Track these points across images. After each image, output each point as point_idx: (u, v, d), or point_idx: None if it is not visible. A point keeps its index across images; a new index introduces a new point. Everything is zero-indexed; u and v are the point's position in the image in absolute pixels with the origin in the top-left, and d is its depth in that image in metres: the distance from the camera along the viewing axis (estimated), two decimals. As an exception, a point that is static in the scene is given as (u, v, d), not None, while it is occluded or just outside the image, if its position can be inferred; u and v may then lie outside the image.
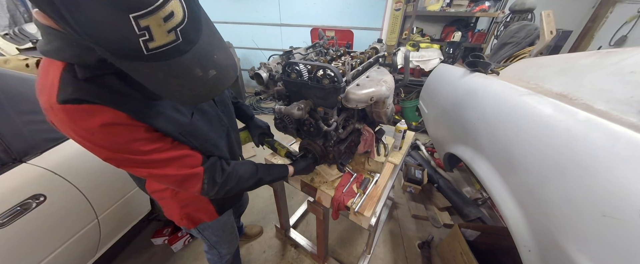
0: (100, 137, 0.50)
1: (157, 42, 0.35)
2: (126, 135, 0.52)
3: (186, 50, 0.39)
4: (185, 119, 0.63)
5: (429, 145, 2.77)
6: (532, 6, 2.39)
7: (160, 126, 0.57)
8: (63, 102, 0.45)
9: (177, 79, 0.41)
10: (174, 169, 0.61)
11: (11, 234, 0.90)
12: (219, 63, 0.45)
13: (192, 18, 0.38)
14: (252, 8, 3.71)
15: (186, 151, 0.63)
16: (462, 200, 1.96)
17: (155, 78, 0.41)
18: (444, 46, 3.05)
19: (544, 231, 0.74)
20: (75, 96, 0.46)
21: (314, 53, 1.04)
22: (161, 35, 0.35)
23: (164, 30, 0.35)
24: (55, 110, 0.46)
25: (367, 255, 1.55)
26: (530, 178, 0.81)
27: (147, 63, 0.37)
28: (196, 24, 0.40)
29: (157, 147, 0.57)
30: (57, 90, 0.45)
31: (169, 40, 0.36)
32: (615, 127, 0.66)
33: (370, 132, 1.05)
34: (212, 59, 0.43)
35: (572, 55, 1.06)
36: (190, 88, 0.43)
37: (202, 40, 0.41)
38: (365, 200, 1.00)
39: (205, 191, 0.68)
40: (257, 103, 4.00)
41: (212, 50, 0.44)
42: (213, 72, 0.44)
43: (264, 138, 1.08)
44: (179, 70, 0.40)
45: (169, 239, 1.63)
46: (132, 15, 0.32)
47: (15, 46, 2.28)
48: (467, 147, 1.21)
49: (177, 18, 0.36)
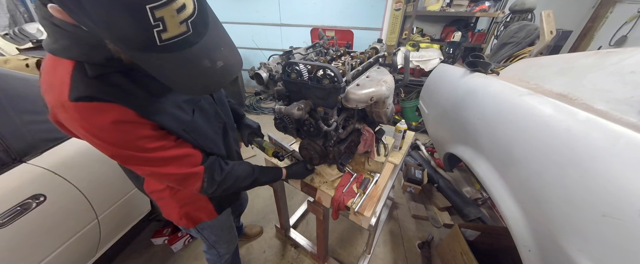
0: (110, 134, 0.51)
1: (170, 33, 0.37)
2: (134, 132, 0.53)
3: (196, 42, 0.41)
4: (187, 117, 0.64)
5: (429, 145, 2.76)
6: (532, 6, 2.39)
7: (165, 123, 0.58)
8: (76, 99, 0.46)
9: (187, 70, 0.43)
10: (175, 167, 0.62)
11: (11, 235, 0.90)
12: (225, 55, 0.46)
13: (201, 11, 0.40)
14: (252, 8, 3.71)
15: (188, 149, 0.65)
16: (462, 200, 1.96)
17: (165, 69, 0.42)
18: (444, 46, 3.05)
19: (544, 231, 0.74)
20: (87, 93, 0.47)
21: (314, 53, 1.04)
22: (174, 26, 0.37)
23: (176, 21, 0.37)
24: (67, 107, 0.47)
25: (367, 255, 1.55)
26: (530, 178, 0.81)
27: (158, 54, 0.39)
28: (204, 17, 0.41)
29: (162, 145, 0.58)
30: (68, 87, 0.46)
31: (181, 32, 0.38)
32: (615, 126, 0.66)
33: (370, 132, 1.05)
34: (219, 51, 0.45)
35: (572, 55, 1.06)
36: (199, 79, 0.45)
37: (209, 32, 0.43)
38: (365, 200, 1.00)
39: (204, 189, 0.69)
40: (257, 103, 4.00)
41: (219, 42, 0.45)
42: (220, 63, 0.45)
43: (253, 138, 1.08)
44: (189, 61, 0.42)
45: (169, 239, 1.63)
46: (149, 6, 0.34)
47: (15, 46, 2.28)
48: (467, 147, 1.21)
49: (188, 10, 0.37)
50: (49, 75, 0.49)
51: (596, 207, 0.60)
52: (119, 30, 0.35)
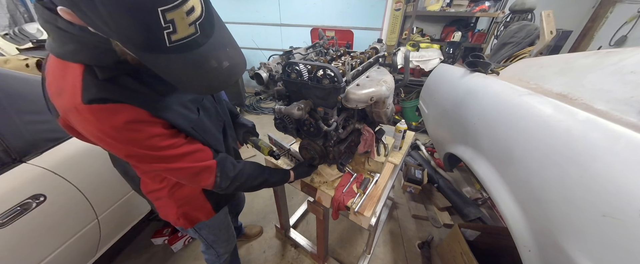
0: (124, 134, 0.52)
1: (180, 35, 0.38)
2: (147, 131, 0.55)
3: (203, 43, 0.42)
4: (194, 115, 0.66)
5: (429, 145, 2.76)
6: (532, 6, 2.39)
7: (175, 121, 0.60)
8: (89, 101, 0.47)
9: (194, 70, 0.44)
10: (188, 162, 0.63)
11: (11, 234, 0.90)
12: (231, 55, 0.48)
13: (208, 13, 0.41)
14: (252, 8, 3.71)
15: (199, 145, 0.66)
16: (462, 200, 1.96)
17: (173, 70, 0.43)
18: (444, 46, 3.05)
19: (544, 231, 0.74)
20: (100, 96, 0.48)
21: (314, 53, 1.04)
22: (183, 28, 0.38)
23: (186, 23, 0.38)
24: (80, 110, 0.48)
25: (367, 255, 1.55)
26: (530, 178, 0.81)
27: (167, 55, 0.40)
28: (211, 19, 0.43)
29: (173, 143, 0.60)
30: (80, 91, 0.47)
31: (189, 33, 0.39)
32: (615, 127, 0.66)
33: (370, 132, 1.05)
34: (225, 51, 0.47)
35: (572, 55, 1.06)
36: (206, 79, 0.46)
37: (215, 33, 0.44)
38: (365, 200, 1.00)
39: (217, 184, 0.70)
40: (257, 103, 4.00)
41: (224, 43, 0.47)
42: (226, 63, 0.46)
43: (248, 137, 1.08)
44: (196, 62, 0.43)
45: (169, 239, 1.63)
46: (161, 9, 0.35)
47: (15, 46, 2.28)
48: (467, 147, 1.21)
49: (196, 12, 0.39)
50: (58, 79, 0.49)
51: (596, 207, 0.60)
52: (130, 32, 0.36)
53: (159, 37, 0.37)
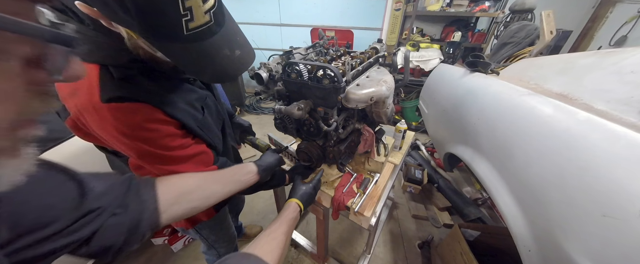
0: (140, 133, 0.53)
1: (196, 22, 0.39)
2: (161, 130, 0.55)
3: (216, 32, 0.44)
4: (199, 114, 0.66)
5: (429, 145, 2.76)
6: (532, 6, 2.39)
7: (185, 120, 0.60)
8: (107, 100, 0.48)
9: (209, 58, 0.45)
10: (192, 166, 0.63)
11: (11, 235, 0.90)
12: (241, 43, 0.49)
13: (219, 2, 0.43)
14: (252, 8, 3.71)
15: (203, 147, 0.67)
16: (462, 200, 1.96)
17: (189, 58, 0.44)
18: (444, 46, 3.05)
19: (544, 231, 0.74)
20: (118, 94, 0.48)
21: (314, 53, 1.04)
22: (200, 16, 0.39)
23: (201, 11, 0.39)
24: (98, 109, 0.48)
25: (367, 255, 1.55)
26: (530, 178, 0.81)
27: (182, 44, 0.41)
28: (222, 9, 0.45)
29: (183, 143, 0.60)
30: (98, 90, 0.48)
31: (205, 21, 0.41)
32: (615, 127, 0.65)
33: (370, 132, 1.05)
34: (236, 40, 0.48)
35: (572, 55, 1.06)
36: (220, 67, 0.47)
37: (227, 23, 0.46)
38: (365, 200, 1.00)
39: None
40: (257, 103, 4.00)
41: (235, 32, 0.49)
42: (238, 51, 0.48)
43: (245, 136, 1.08)
44: (211, 50, 0.44)
45: (169, 239, 1.63)
46: None
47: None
48: (467, 147, 1.21)
49: (211, 1, 0.40)
50: None
51: (596, 207, 0.60)
52: (150, 19, 0.37)
53: (177, 24, 0.38)
